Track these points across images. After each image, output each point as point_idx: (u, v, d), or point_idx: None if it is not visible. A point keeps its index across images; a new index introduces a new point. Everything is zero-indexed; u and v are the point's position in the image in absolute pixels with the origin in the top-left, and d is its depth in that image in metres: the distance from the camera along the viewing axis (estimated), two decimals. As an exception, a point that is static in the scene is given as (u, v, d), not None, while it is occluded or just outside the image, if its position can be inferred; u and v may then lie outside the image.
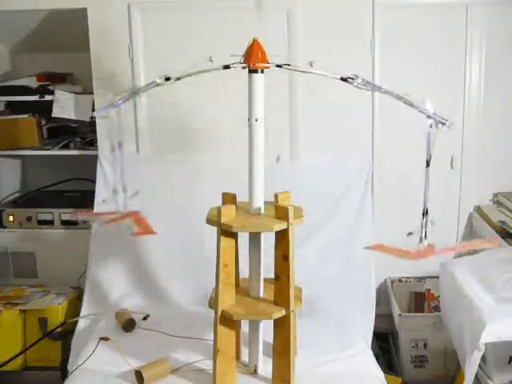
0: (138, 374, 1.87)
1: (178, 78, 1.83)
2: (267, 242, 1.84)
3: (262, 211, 1.82)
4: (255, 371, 1.94)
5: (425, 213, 1.85)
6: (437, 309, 2.59)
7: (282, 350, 1.79)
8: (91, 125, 2.82)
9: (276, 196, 1.90)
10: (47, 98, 2.82)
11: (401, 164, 2.65)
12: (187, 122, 2.62)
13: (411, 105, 1.76)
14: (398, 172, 2.66)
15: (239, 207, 1.84)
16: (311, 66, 1.80)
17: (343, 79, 1.78)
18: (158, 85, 1.86)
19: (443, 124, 1.73)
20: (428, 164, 1.81)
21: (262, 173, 1.80)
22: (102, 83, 2.62)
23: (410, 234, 1.85)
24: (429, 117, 1.75)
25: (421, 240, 1.82)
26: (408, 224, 2.70)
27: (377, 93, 2.55)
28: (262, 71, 1.74)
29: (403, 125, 2.65)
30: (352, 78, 1.79)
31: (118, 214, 2.10)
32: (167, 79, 1.83)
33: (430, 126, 1.74)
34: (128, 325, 2.25)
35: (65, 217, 2.81)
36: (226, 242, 1.76)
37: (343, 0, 2.53)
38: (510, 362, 1.92)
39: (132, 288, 2.57)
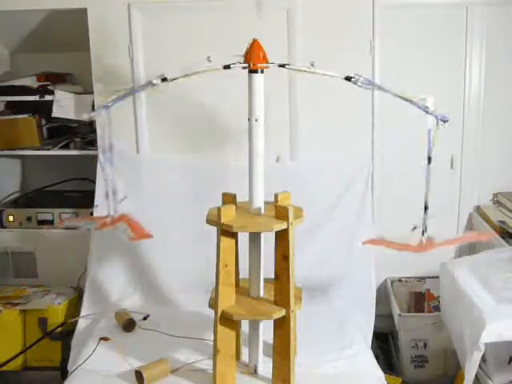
0: (138, 374, 1.87)
1: (174, 79, 1.79)
2: (267, 242, 1.84)
3: (262, 211, 1.82)
4: (255, 371, 1.94)
5: (426, 207, 1.86)
6: (437, 309, 2.59)
7: (281, 350, 1.79)
8: (91, 125, 2.82)
9: (276, 196, 1.90)
10: (47, 97, 2.82)
11: (401, 163, 2.66)
12: (187, 121, 2.62)
13: (411, 102, 1.76)
14: (398, 171, 2.66)
15: (239, 207, 1.84)
16: (312, 66, 1.79)
17: (347, 78, 1.77)
18: (153, 85, 1.81)
19: (444, 122, 1.73)
20: (430, 161, 1.81)
21: (262, 173, 1.80)
22: (102, 83, 2.62)
23: (414, 228, 1.85)
24: (429, 113, 1.75)
25: (423, 233, 1.82)
26: (408, 223, 2.73)
27: (377, 93, 2.56)
28: (262, 71, 1.74)
29: (403, 124, 2.66)
30: (354, 78, 1.78)
31: (109, 219, 1.99)
32: (163, 79, 1.79)
33: (434, 123, 1.74)
34: (128, 325, 2.25)
35: (65, 217, 2.81)
36: (226, 242, 1.76)
37: (343, 0, 2.53)
38: (510, 362, 1.92)
39: (132, 288, 2.57)
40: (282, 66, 1.78)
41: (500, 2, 2.57)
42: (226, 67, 1.74)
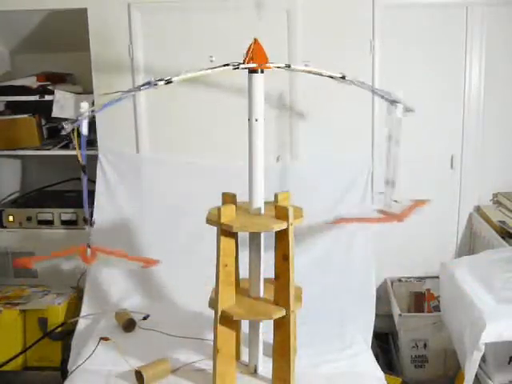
0: (138, 374, 1.87)
1: (169, 82, 1.71)
2: (267, 242, 1.84)
3: (262, 211, 1.82)
4: (255, 371, 1.94)
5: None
6: (437, 309, 2.59)
7: (281, 350, 1.79)
8: (91, 125, 2.81)
9: (276, 196, 1.90)
10: (47, 98, 2.82)
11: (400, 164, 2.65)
12: (187, 121, 2.62)
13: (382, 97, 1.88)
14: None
15: (239, 207, 1.84)
16: (306, 66, 1.80)
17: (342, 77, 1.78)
18: (155, 86, 1.72)
19: (409, 111, 1.78)
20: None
21: (262, 173, 1.80)
22: (102, 83, 2.62)
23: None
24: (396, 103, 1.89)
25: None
26: (408, 224, 2.73)
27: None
28: (262, 71, 1.74)
29: (403, 125, 2.66)
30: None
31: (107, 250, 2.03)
32: (168, 82, 1.72)
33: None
34: (128, 325, 2.25)
35: (65, 217, 2.81)
36: (226, 242, 1.76)
37: (343, 0, 2.53)
38: (510, 362, 1.92)
39: (132, 288, 2.57)
40: (288, 66, 1.78)
41: (500, 2, 2.58)
42: (226, 65, 1.73)
